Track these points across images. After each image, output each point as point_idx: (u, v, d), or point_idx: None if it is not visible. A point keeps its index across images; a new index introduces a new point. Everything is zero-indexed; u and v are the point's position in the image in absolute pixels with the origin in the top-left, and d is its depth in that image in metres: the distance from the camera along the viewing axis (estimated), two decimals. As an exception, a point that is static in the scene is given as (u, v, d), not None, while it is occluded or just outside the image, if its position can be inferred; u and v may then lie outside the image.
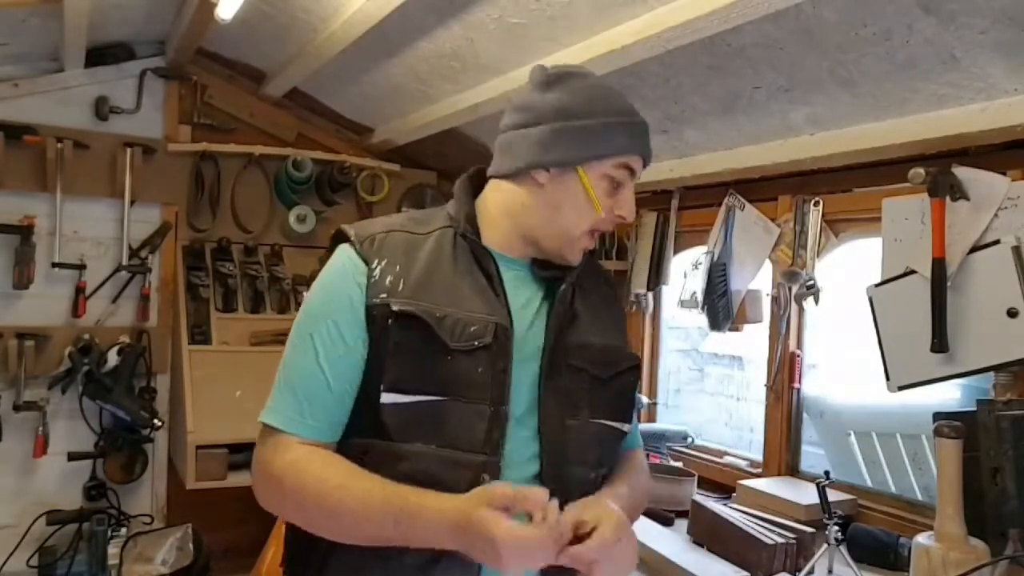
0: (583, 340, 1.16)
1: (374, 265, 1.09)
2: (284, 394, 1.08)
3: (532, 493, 0.93)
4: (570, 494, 1.05)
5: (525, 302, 1.14)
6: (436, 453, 1.04)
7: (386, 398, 1.04)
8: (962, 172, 1.63)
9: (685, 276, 2.55)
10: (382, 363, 1.05)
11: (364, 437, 1.07)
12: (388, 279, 1.08)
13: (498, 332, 1.07)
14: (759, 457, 2.34)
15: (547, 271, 1.17)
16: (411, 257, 1.10)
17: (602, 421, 1.16)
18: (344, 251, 1.13)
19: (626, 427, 1.21)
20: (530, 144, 1.12)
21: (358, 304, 1.07)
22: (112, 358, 2.85)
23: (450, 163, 3.35)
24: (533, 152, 1.11)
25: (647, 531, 1.94)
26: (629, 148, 1.12)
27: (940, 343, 1.63)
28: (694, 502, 1.70)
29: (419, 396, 1.04)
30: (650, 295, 2.71)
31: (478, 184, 1.21)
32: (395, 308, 1.05)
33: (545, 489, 0.94)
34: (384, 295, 1.07)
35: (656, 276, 2.66)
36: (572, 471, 1.11)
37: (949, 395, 2.14)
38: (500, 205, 1.16)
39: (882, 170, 1.90)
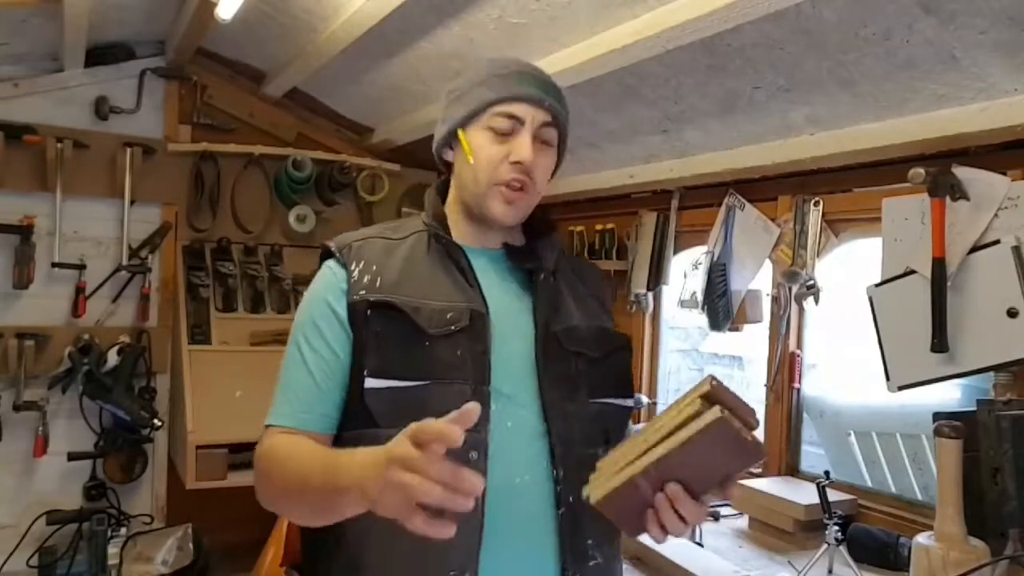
0: (570, 324, 1.20)
1: (352, 268, 1.16)
2: (278, 397, 1.16)
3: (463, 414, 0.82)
4: (582, 474, 1.06)
5: (501, 288, 1.19)
6: None
7: (369, 383, 1.09)
8: (962, 172, 1.63)
9: (685, 276, 2.55)
10: (365, 353, 1.11)
11: (355, 428, 1.12)
12: (366, 278, 1.15)
13: (474, 316, 1.12)
14: (759, 457, 2.33)
15: (521, 261, 1.22)
16: (388, 258, 1.18)
17: (602, 400, 1.19)
18: (327, 264, 1.21)
19: (628, 402, 1.25)
20: (436, 133, 1.24)
21: (339, 307, 1.14)
22: (112, 358, 2.86)
23: (450, 163, 3.35)
24: (437, 139, 1.24)
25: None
26: (497, 97, 1.15)
27: (940, 343, 1.63)
28: None
29: (402, 382, 1.09)
30: (650, 295, 2.71)
31: (445, 190, 1.30)
32: (372, 299, 1.12)
33: (476, 405, 0.83)
34: (363, 292, 1.13)
35: (656, 276, 2.66)
36: (579, 452, 1.13)
37: (949, 395, 2.14)
38: (450, 199, 1.26)
39: (882, 170, 1.90)
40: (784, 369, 2.22)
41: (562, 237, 1.29)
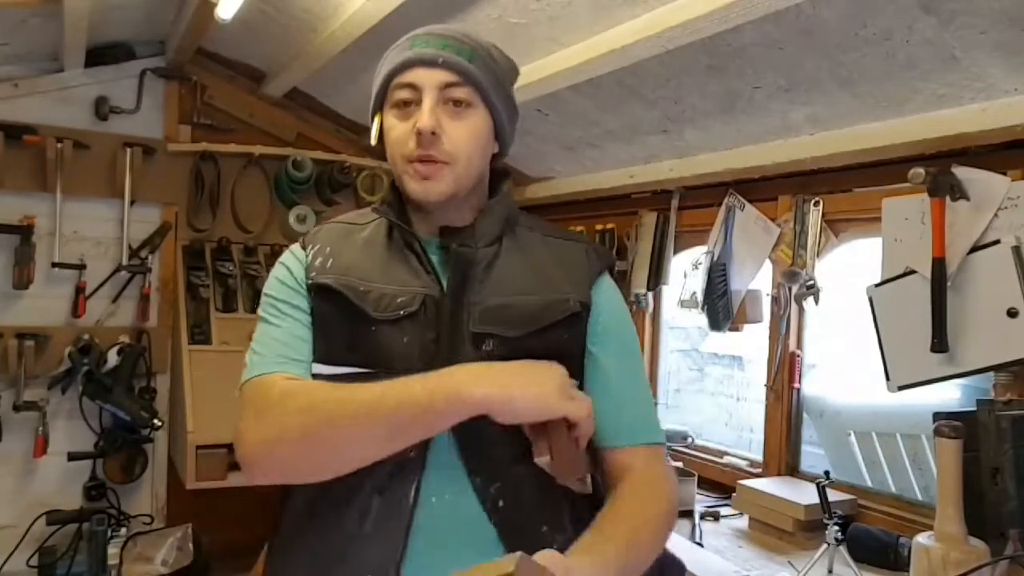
0: (498, 302, 1.08)
1: (309, 250, 1.15)
2: (260, 357, 1.08)
3: None
4: (494, 475, 1.02)
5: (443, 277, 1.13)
6: None
7: (315, 369, 1.07)
8: (962, 172, 1.63)
9: (685, 276, 2.55)
10: (316, 338, 1.10)
11: None
12: (319, 260, 1.13)
13: (427, 302, 1.06)
14: (759, 457, 2.33)
15: (451, 239, 1.11)
16: (346, 242, 1.16)
17: None
18: (290, 247, 1.20)
19: None
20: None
21: (301, 283, 1.12)
22: (112, 358, 2.86)
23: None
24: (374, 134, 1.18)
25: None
26: (391, 68, 1.10)
27: (940, 343, 1.63)
28: None
29: (347, 368, 1.05)
30: (650, 295, 2.71)
31: None
32: (319, 281, 1.10)
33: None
34: (314, 274, 1.11)
35: (656, 276, 2.66)
36: (493, 452, 1.03)
37: (949, 395, 2.14)
38: None
39: (882, 170, 1.90)
40: (784, 369, 2.22)
41: (512, 203, 1.19)
